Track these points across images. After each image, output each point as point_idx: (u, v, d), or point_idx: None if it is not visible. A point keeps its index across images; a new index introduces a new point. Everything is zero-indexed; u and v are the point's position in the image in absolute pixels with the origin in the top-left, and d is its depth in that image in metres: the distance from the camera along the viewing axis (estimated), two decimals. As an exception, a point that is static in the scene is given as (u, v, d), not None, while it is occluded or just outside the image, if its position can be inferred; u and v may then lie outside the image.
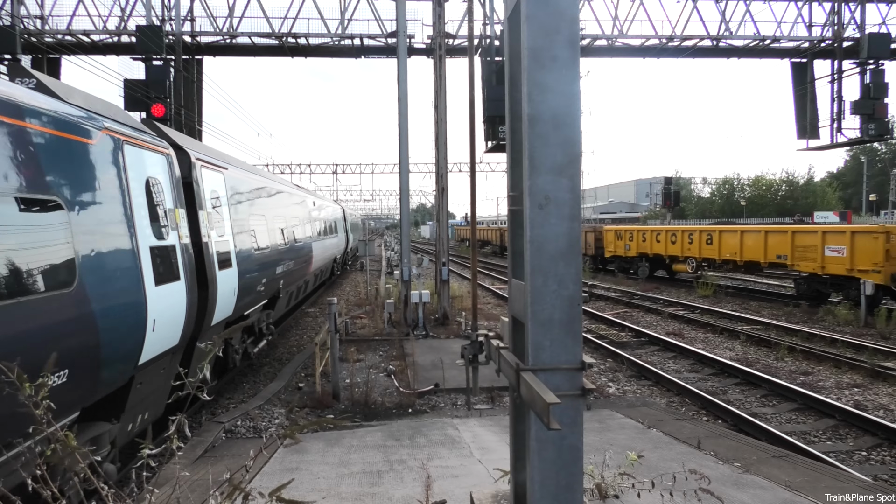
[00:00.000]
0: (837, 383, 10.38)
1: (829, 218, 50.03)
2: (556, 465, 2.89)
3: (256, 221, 10.99)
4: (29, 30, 17.14)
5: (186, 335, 6.93)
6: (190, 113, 17.93)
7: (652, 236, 26.18)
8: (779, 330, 14.71)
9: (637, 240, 27.19)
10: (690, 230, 23.85)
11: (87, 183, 5.07)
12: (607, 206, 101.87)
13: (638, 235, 27.34)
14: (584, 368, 2.93)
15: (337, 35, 18.16)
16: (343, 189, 75.47)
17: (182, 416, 2.48)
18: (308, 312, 19.44)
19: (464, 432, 7.49)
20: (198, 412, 9.07)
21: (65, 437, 2.23)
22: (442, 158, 16.03)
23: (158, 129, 7.83)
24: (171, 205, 6.76)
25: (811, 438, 7.98)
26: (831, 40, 19.92)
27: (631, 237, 27.81)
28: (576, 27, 2.81)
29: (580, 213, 2.90)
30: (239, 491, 2.39)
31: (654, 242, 25.85)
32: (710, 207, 71.92)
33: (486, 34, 16.75)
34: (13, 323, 3.85)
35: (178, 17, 17.39)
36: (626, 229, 28.90)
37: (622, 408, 8.80)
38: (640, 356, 12.55)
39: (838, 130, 20.48)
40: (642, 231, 27.48)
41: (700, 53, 20.41)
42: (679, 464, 5.63)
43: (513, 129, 3.31)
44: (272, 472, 6.09)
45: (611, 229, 30.11)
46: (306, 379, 10.90)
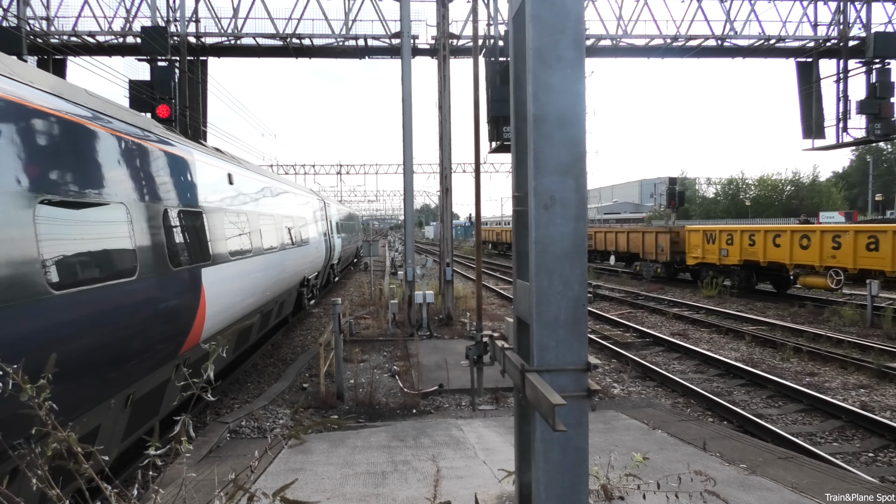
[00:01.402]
0: (844, 384, 10.33)
1: (835, 218, 49.78)
2: (562, 466, 2.88)
3: None
4: (34, 31, 17.20)
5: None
6: (195, 114, 17.97)
7: (766, 239, 19.91)
8: (784, 330, 14.65)
9: (741, 243, 21.05)
10: (837, 230, 18.08)
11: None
12: (612, 206, 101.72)
13: (742, 238, 21.10)
14: (590, 369, 2.92)
15: (341, 36, 18.16)
16: (347, 189, 75.50)
17: (187, 415, 2.48)
18: (312, 313, 19.44)
19: (468, 433, 7.48)
20: (202, 412, 9.08)
21: (67, 437, 2.23)
22: (446, 159, 16.01)
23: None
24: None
25: (817, 440, 7.94)
26: (837, 39, 19.83)
27: (730, 239, 21.61)
28: (581, 27, 2.80)
29: (586, 213, 2.89)
30: (243, 491, 2.39)
31: (769, 247, 19.79)
32: (715, 208, 71.70)
33: (491, 34, 16.73)
34: None
35: (182, 18, 17.43)
36: (722, 229, 22.49)
37: (627, 409, 8.77)
38: (645, 357, 12.52)
39: (844, 130, 20.38)
40: (750, 232, 21.07)
41: (705, 53, 20.34)
42: (685, 465, 5.61)
43: (517, 130, 3.30)
44: (277, 472, 6.09)
45: (697, 229, 24.04)
46: (310, 379, 10.90)
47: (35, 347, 3.97)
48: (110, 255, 5.18)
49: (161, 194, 6.55)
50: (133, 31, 17.67)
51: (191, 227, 7.37)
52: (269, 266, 11.23)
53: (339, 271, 28.44)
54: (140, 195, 5.94)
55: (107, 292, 4.97)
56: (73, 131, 4.91)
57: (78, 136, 4.99)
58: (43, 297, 4.12)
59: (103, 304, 4.90)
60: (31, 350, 3.83)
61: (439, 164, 16.30)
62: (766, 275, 21.52)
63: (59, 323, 4.32)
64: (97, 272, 4.91)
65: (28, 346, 3.93)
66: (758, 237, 20.34)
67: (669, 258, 25.36)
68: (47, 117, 4.57)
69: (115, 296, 5.11)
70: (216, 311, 7.78)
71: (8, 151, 4.06)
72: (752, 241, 20.52)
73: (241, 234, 9.49)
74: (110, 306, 5.05)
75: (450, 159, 16.08)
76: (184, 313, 6.80)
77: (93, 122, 5.29)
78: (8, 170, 4.03)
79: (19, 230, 4.01)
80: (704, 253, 23.13)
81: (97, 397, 4.95)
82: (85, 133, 5.10)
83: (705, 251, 23.09)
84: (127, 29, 17.85)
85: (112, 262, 5.18)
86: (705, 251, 23.09)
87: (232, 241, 8.82)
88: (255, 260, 10.11)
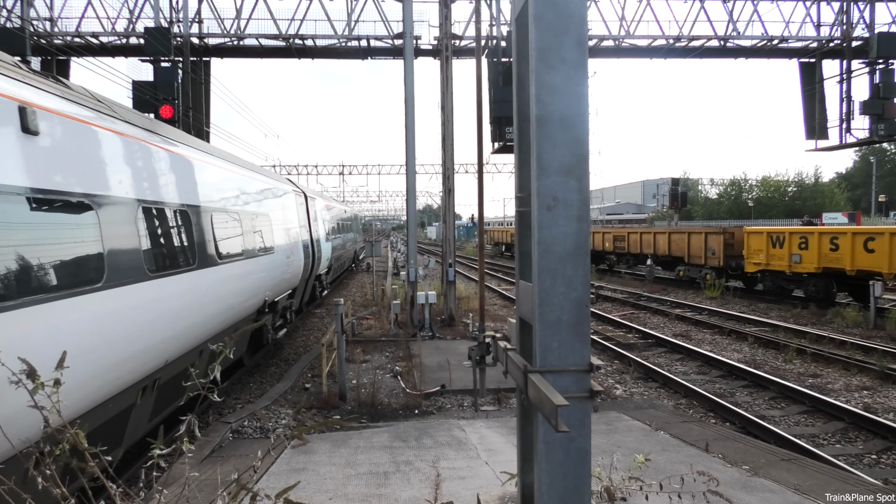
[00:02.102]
0: (846, 386, 10.30)
1: (839, 219, 49.69)
2: (564, 467, 2.89)
3: None
4: (38, 32, 17.26)
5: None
6: (198, 114, 18.01)
7: (855, 243, 16.53)
8: (787, 332, 14.62)
9: (819, 248, 17.70)
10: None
11: None
12: (614, 206, 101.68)
13: (820, 242, 17.68)
14: (592, 370, 2.92)
15: (344, 36, 18.21)
16: (350, 190, 75.69)
17: (192, 415, 2.49)
18: (314, 313, 19.46)
19: (471, 434, 7.48)
20: (205, 412, 9.10)
21: (75, 436, 2.24)
22: (449, 159, 16.03)
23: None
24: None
25: (820, 441, 7.92)
26: (840, 40, 19.81)
27: (804, 243, 18.26)
28: (584, 28, 2.80)
29: (589, 214, 2.89)
30: (246, 491, 2.40)
31: (859, 252, 16.45)
32: (718, 209, 71.63)
33: (493, 35, 16.76)
34: None
35: (185, 19, 17.49)
36: (793, 231, 19.38)
37: (630, 410, 8.77)
38: (648, 358, 12.51)
39: (847, 131, 20.39)
40: (832, 235, 17.64)
41: (707, 54, 20.34)
42: (687, 466, 5.60)
43: (520, 130, 3.30)
44: (279, 472, 6.10)
45: (759, 231, 20.86)
46: (313, 380, 10.91)
47: None
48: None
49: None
50: (136, 32, 17.74)
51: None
52: (165, 297, 6.33)
53: (329, 282, 23.32)
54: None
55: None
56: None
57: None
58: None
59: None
60: None
61: (442, 164, 16.31)
62: (850, 285, 18.34)
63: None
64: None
65: None
66: (843, 241, 17.09)
67: (723, 263, 22.14)
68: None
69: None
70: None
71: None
72: (835, 245, 17.32)
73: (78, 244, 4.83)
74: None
75: (452, 160, 16.10)
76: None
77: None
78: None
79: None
80: (769, 259, 19.90)
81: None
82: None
83: (770, 257, 19.86)
84: (130, 30, 17.92)
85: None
86: (770, 257, 19.86)
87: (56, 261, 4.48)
88: (117, 294, 5.25)
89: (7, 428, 2.94)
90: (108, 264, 5.12)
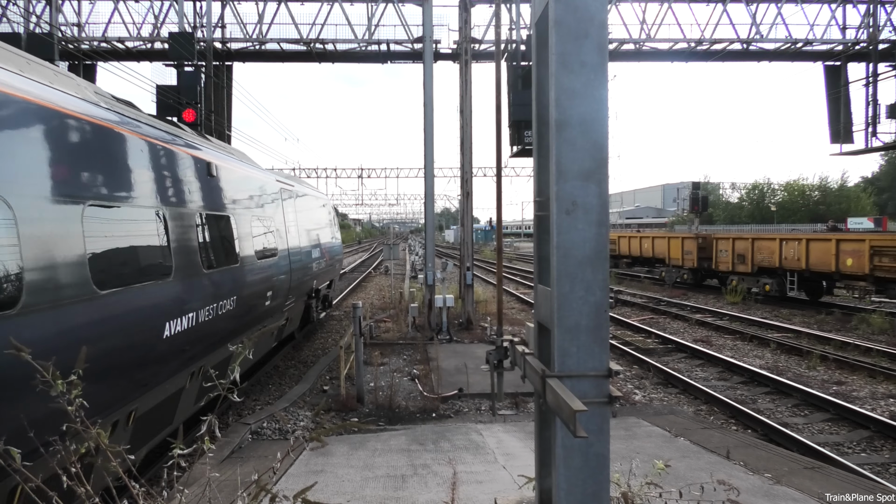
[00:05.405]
0: (872, 393, 10.10)
1: (864, 224, 48.74)
2: (583, 472, 2.87)
3: None
4: (66, 37, 17.63)
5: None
6: (220, 118, 18.24)
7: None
8: (810, 338, 14.37)
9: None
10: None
11: None
12: (634, 210, 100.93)
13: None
14: (612, 375, 2.90)
15: (364, 41, 18.31)
16: (368, 193, 76.11)
17: (213, 416, 2.52)
18: (333, 316, 19.56)
19: (488, 438, 7.46)
20: (224, 413, 9.19)
21: (98, 436, 2.28)
22: (467, 163, 16.04)
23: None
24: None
25: (845, 450, 7.77)
26: (866, 42, 19.45)
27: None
28: (604, 32, 2.79)
29: (608, 218, 2.88)
30: (265, 492, 2.42)
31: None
32: (739, 213, 70.68)
33: (513, 39, 16.74)
34: None
35: (209, 24, 17.74)
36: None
37: (649, 415, 8.68)
38: (667, 363, 12.37)
39: (873, 134, 19.99)
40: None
41: (730, 57, 20.09)
42: (707, 474, 5.53)
43: (539, 134, 3.29)
44: (297, 473, 6.14)
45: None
46: (331, 382, 10.97)
47: None
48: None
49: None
50: (161, 37, 18.03)
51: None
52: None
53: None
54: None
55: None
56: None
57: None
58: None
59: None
60: None
61: (460, 167, 16.32)
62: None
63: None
64: None
65: None
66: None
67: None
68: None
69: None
70: None
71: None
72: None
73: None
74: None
75: (470, 163, 16.10)
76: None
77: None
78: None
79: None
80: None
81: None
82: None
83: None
84: (155, 35, 18.22)
85: None
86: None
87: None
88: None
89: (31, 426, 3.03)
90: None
